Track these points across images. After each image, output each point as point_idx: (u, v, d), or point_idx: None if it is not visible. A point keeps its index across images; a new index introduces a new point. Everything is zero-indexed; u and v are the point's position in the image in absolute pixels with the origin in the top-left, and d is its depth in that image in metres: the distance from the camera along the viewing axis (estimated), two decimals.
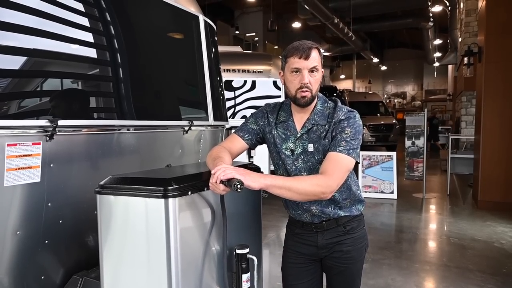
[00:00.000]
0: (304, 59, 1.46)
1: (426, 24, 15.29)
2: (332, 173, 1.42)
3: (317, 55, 1.50)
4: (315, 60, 1.49)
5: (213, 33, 2.83)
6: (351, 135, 1.48)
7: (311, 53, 1.47)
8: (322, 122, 1.54)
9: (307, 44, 1.49)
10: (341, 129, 1.49)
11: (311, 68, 1.48)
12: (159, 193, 1.25)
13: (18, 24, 1.52)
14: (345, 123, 1.50)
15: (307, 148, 1.54)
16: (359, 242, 1.65)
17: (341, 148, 1.46)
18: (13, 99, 1.55)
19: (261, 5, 16.30)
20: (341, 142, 1.47)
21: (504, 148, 5.81)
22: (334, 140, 1.49)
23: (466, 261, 3.90)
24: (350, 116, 1.52)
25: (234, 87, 6.68)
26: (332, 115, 1.54)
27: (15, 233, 1.54)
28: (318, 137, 1.54)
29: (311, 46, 1.49)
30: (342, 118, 1.52)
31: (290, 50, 1.50)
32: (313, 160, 1.54)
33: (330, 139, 1.51)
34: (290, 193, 1.37)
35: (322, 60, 1.55)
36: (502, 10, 5.76)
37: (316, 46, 1.52)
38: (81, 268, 1.80)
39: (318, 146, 1.53)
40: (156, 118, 2.21)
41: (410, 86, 29.99)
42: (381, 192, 6.82)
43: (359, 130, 1.51)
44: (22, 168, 1.51)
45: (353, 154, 1.47)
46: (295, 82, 1.50)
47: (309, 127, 1.55)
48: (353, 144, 1.47)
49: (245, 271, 1.45)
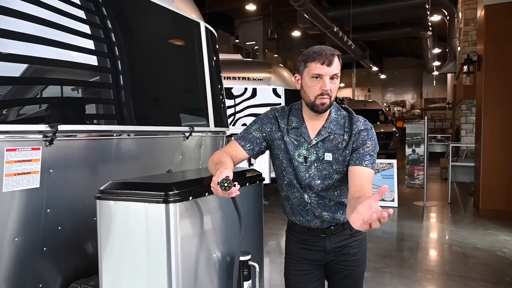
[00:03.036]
0: (327, 66, 1.43)
1: (425, 33, 15.37)
2: (370, 190, 1.42)
3: (338, 63, 1.47)
4: (337, 67, 1.46)
5: (214, 39, 2.83)
6: (372, 148, 1.51)
7: (333, 60, 1.44)
8: (339, 132, 1.54)
9: (330, 51, 1.45)
10: (363, 141, 1.50)
11: (332, 75, 1.45)
12: (160, 198, 1.24)
13: (18, 32, 1.52)
14: (365, 135, 1.52)
15: (323, 156, 1.52)
16: (363, 244, 1.67)
17: (367, 163, 1.48)
18: (13, 104, 1.54)
19: (261, 14, 16.41)
20: (365, 156, 1.48)
21: (505, 156, 5.79)
22: (357, 153, 1.50)
23: (468, 270, 3.86)
24: (368, 127, 1.54)
25: (234, 94, 6.69)
26: (350, 125, 1.54)
27: (13, 239, 1.51)
28: (335, 146, 1.52)
29: (334, 53, 1.45)
30: (362, 128, 1.53)
31: (312, 55, 1.45)
32: (329, 169, 1.53)
33: (351, 150, 1.51)
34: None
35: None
36: (501, 18, 5.80)
37: (338, 53, 1.49)
38: (80, 276, 1.77)
39: (338, 157, 1.52)
40: (157, 124, 2.20)
41: (410, 94, 30.07)
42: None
43: (377, 143, 1.54)
44: (21, 173, 1.49)
45: (374, 167, 1.51)
46: (315, 88, 1.46)
47: (325, 135, 1.53)
48: (375, 157, 1.51)
49: (246, 278, 1.42)
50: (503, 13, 5.80)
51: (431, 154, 10.82)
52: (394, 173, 6.82)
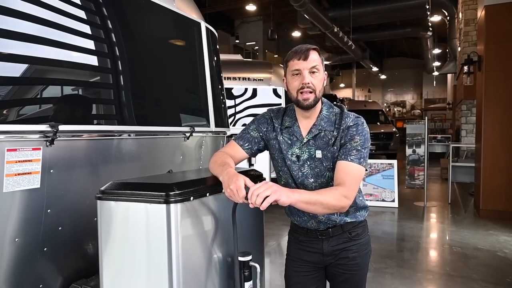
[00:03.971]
0: (303, 60, 1.46)
1: (425, 34, 15.38)
2: (350, 185, 1.41)
3: (317, 56, 1.50)
4: (315, 60, 1.48)
5: (215, 39, 2.83)
6: (361, 143, 1.47)
7: (309, 54, 1.47)
8: (329, 128, 1.52)
9: (306, 46, 1.50)
10: (351, 136, 1.48)
11: (311, 69, 1.47)
12: (161, 198, 1.23)
13: (19, 32, 1.51)
14: (354, 131, 1.49)
15: (315, 154, 1.52)
16: (364, 248, 1.63)
17: (353, 157, 1.44)
18: (13, 104, 1.53)
19: (261, 15, 16.41)
20: (352, 150, 1.45)
21: (505, 156, 5.79)
22: (344, 148, 1.47)
23: (469, 270, 3.86)
24: (358, 122, 1.51)
25: (234, 95, 6.69)
26: (339, 122, 1.52)
27: (14, 240, 1.51)
28: (326, 143, 1.51)
29: (309, 48, 1.49)
30: (350, 124, 1.50)
31: (290, 55, 1.52)
32: (321, 167, 1.52)
33: (339, 146, 1.49)
34: (314, 207, 1.35)
35: (323, 62, 1.54)
36: (501, 19, 5.79)
37: (315, 47, 1.51)
38: (80, 276, 1.76)
39: (327, 153, 1.51)
40: (157, 124, 2.19)
41: (410, 95, 30.07)
42: (382, 200, 6.78)
43: (367, 138, 1.50)
44: (22, 173, 1.49)
45: (363, 162, 1.46)
46: (295, 83, 1.49)
47: (315, 132, 1.53)
48: (363, 152, 1.47)
49: (247, 279, 1.42)
50: (504, 13, 5.80)
51: (431, 155, 10.83)
52: (395, 173, 6.81)
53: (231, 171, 1.37)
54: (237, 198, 1.28)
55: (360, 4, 12.80)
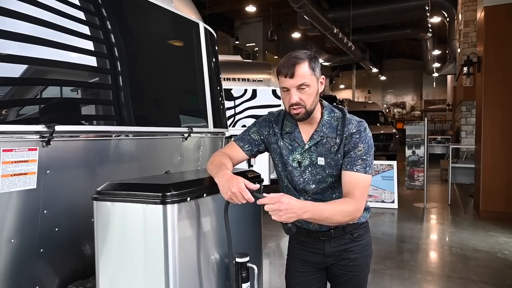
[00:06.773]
0: (289, 78, 1.40)
1: (425, 35, 15.40)
2: (359, 196, 1.41)
3: (306, 69, 1.40)
4: (303, 76, 1.39)
5: (213, 40, 2.82)
6: (365, 151, 1.45)
7: (295, 71, 1.38)
8: (331, 135, 1.50)
9: (293, 60, 1.40)
10: (354, 144, 1.46)
11: (298, 86, 1.41)
12: (158, 199, 1.22)
13: (15, 32, 1.51)
14: (357, 138, 1.46)
15: (316, 161, 1.51)
16: (365, 249, 1.63)
17: (358, 167, 1.44)
18: (10, 105, 1.52)
19: (261, 16, 16.43)
20: (357, 160, 1.44)
21: (505, 158, 5.78)
22: (348, 157, 1.46)
23: (469, 271, 3.85)
24: (361, 129, 1.48)
25: (234, 96, 6.68)
26: (342, 128, 1.49)
27: (10, 241, 1.50)
28: (328, 150, 1.50)
29: (296, 62, 1.39)
30: (353, 131, 1.47)
31: (279, 67, 1.44)
32: (323, 174, 1.51)
33: (343, 154, 1.48)
34: (325, 221, 1.39)
35: (316, 69, 1.44)
36: (501, 20, 5.79)
37: (304, 58, 1.41)
38: (77, 277, 1.75)
39: (330, 161, 1.49)
40: (155, 125, 2.18)
41: (410, 96, 30.08)
42: (381, 201, 6.77)
43: (371, 144, 1.48)
44: (18, 174, 1.48)
45: (369, 170, 1.46)
46: (286, 100, 1.46)
47: (317, 139, 1.51)
48: (368, 160, 1.46)
49: (245, 280, 1.41)
50: (503, 15, 5.80)
51: (431, 156, 10.84)
52: (394, 174, 6.80)
53: (227, 174, 1.35)
54: (239, 200, 1.28)
55: (359, 5, 12.82)
